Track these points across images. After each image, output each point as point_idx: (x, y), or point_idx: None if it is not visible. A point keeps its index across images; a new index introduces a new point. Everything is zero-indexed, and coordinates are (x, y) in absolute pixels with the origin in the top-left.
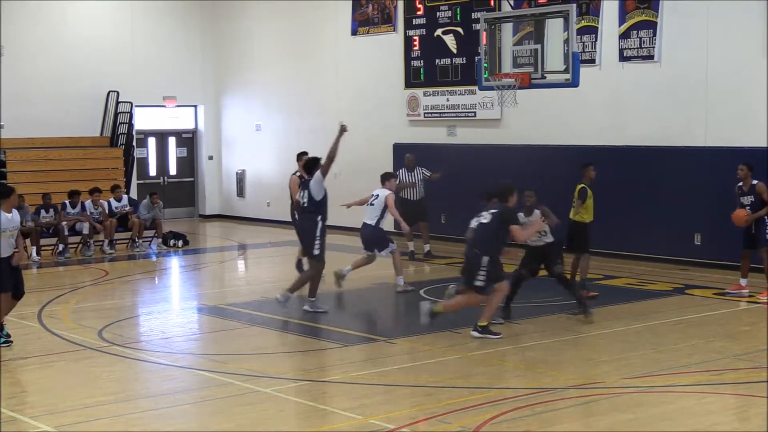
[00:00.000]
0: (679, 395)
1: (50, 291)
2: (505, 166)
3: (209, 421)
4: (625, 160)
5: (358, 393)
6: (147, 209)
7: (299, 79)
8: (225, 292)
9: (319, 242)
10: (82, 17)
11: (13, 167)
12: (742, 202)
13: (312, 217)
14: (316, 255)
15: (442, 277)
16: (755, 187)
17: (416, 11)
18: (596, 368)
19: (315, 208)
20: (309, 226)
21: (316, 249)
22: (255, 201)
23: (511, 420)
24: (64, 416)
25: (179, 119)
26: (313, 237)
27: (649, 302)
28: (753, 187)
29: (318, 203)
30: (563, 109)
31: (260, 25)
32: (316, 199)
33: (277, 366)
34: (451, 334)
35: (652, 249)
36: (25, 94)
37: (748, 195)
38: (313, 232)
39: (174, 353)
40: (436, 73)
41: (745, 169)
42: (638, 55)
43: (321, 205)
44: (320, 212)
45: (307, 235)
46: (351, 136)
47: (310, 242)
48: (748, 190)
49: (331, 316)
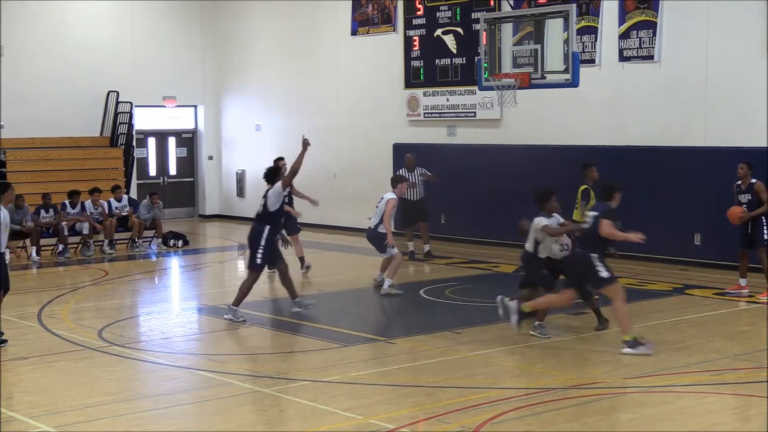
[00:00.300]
0: (679, 395)
1: (50, 291)
2: (505, 166)
3: (209, 421)
4: (625, 160)
5: (358, 393)
6: (147, 209)
7: (299, 79)
8: (225, 292)
9: (262, 252)
10: (82, 17)
11: (13, 167)
12: (739, 200)
13: (261, 227)
14: (255, 265)
15: (442, 277)
16: (753, 185)
17: (416, 11)
18: (596, 368)
19: (267, 217)
20: (255, 235)
21: (258, 258)
22: (255, 201)
23: (511, 420)
24: (64, 416)
25: (179, 119)
26: (257, 245)
27: (649, 302)
28: (751, 186)
29: (271, 214)
30: (563, 109)
31: (260, 25)
32: (270, 210)
33: (277, 366)
34: (451, 334)
35: (652, 249)
36: (25, 94)
37: (746, 193)
38: (258, 241)
39: (174, 353)
40: (436, 73)
41: (745, 168)
42: (638, 55)
43: (274, 216)
44: (271, 222)
45: (253, 243)
46: (351, 136)
47: (254, 251)
48: (746, 189)
49: (331, 316)
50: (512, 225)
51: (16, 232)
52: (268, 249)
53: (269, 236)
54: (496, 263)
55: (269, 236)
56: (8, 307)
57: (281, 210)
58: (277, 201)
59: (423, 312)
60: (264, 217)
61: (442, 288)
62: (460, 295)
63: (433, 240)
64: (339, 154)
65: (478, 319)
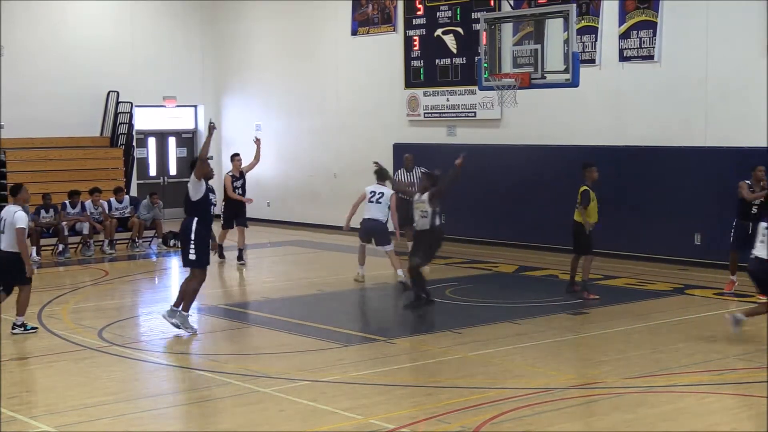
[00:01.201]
0: (680, 395)
1: (50, 291)
2: (505, 166)
3: (209, 421)
4: (625, 160)
5: (358, 393)
6: (147, 209)
7: (299, 79)
8: (225, 292)
9: (194, 247)
10: (82, 17)
11: (13, 167)
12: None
13: (188, 220)
14: (191, 261)
15: (442, 277)
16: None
17: (416, 11)
18: (596, 368)
19: (191, 209)
20: (183, 229)
21: (191, 254)
22: (255, 201)
23: (511, 420)
24: (64, 416)
25: (179, 119)
26: (188, 240)
27: (649, 302)
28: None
29: (194, 204)
30: (563, 109)
31: (260, 25)
32: (192, 200)
33: (277, 366)
34: (451, 334)
35: (652, 249)
36: (25, 94)
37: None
38: (188, 234)
39: (174, 353)
40: (436, 73)
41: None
42: (638, 55)
43: (197, 206)
44: (197, 214)
45: (183, 237)
46: (351, 136)
47: (185, 246)
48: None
49: (331, 316)
50: (512, 225)
51: None
52: (201, 243)
53: (198, 228)
54: (496, 263)
55: (198, 228)
56: (8, 307)
57: (205, 199)
58: (197, 191)
59: (423, 312)
60: (189, 209)
61: (442, 288)
62: (460, 295)
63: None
64: (339, 154)
65: (478, 319)
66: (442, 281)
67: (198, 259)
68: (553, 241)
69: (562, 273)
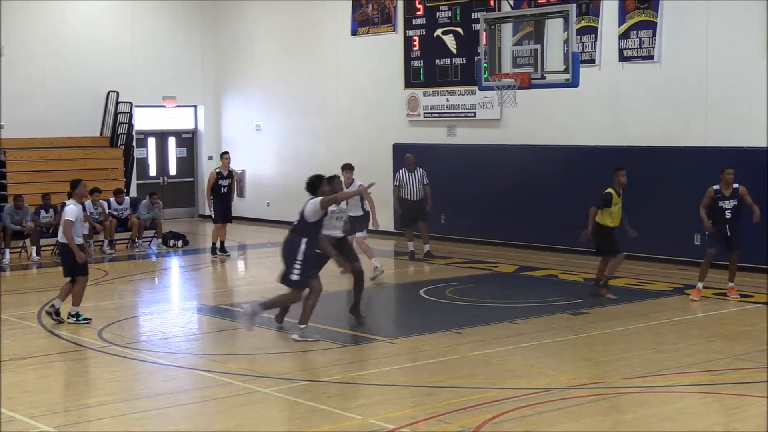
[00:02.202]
0: (680, 395)
1: (50, 291)
2: (505, 166)
3: (209, 421)
4: (625, 160)
5: (358, 393)
6: (147, 209)
7: (299, 79)
8: (225, 292)
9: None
10: (82, 17)
11: (13, 167)
12: (722, 207)
13: (296, 238)
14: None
15: (442, 277)
16: (737, 190)
17: (416, 11)
18: (596, 368)
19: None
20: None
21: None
22: (255, 201)
23: (511, 420)
24: (64, 416)
25: (179, 119)
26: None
27: (649, 302)
28: (735, 191)
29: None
30: (563, 110)
31: (260, 25)
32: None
33: (277, 366)
34: (451, 334)
35: (652, 249)
36: (25, 94)
37: (731, 199)
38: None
39: (174, 353)
40: (435, 73)
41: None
42: (638, 55)
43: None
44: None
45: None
46: (351, 136)
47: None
48: (730, 195)
49: (331, 316)
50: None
51: (16, 232)
52: (306, 264)
53: (306, 250)
54: (496, 263)
55: (306, 250)
56: (8, 307)
57: (320, 224)
58: (315, 213)
59: (423, 312)
60: (301, 228)
61: (442, 288)
62: (460, 295)
63: (433, 240)
64: (339, 154)
65: (478, 319)
66: (442, 281)
67: (301, 281)
68: (553, 241)
69: (562, 273)
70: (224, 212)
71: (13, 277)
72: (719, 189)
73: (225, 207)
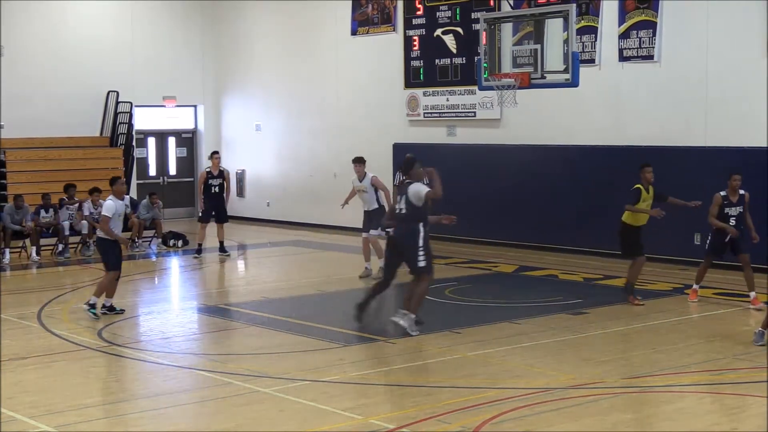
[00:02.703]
0: (679, 395)
1: (50, 291)
2: (505, 166)
3: (209, 421)
4: (625, 160)
5: (358, 393)
6: (147, 209)
7: (299, 79)
8: (225, 292)
9: (423, 254)
10: (82, 17)
11: (13, 167)
12: (728, 214)
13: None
14: (421, 268)
15: (442, 277)
16: (743, 197)
17: (416, 11)
18: (596, 368)
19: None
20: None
21: (421, 261)
22: (255, 201)
23: (511, 420)
24: (64, 416)
25: (179, 119)
26: (416, 247)
27: (649, 302)
28: (741, 198)
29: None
30: (563, 109)
31: (260, 25)
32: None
33: (277, 366)
34: (451, 334)
35: (652, 249)
36: (25, 94)
37: (738, 206)
38: (416, 241)
39: (174, 353)
40: (435, 73)
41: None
42: (638, 55)
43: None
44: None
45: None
46: (351, 136)
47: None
48: (737, 202)
49: (331, 316)
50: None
51: (16, 232)
52: (427, 248)
53: (425, 235)
54: (496, 263)
55: (425, 235)
56: (8, 307)
57: (427, 206)
58: (419, 198)
59: (423, 312)
60: (412, 215)
61: (442, 288)
62: (460, 295)
63: (433, 240)
64: (339, 154)
65: (478, 319)
66: (442, 281)
67: (428, 266)
68: (553, 241)
69: (561, 273)
70: (216, 212)
71: (13, 277)
72: (726, 195)
73: (216, 207)
